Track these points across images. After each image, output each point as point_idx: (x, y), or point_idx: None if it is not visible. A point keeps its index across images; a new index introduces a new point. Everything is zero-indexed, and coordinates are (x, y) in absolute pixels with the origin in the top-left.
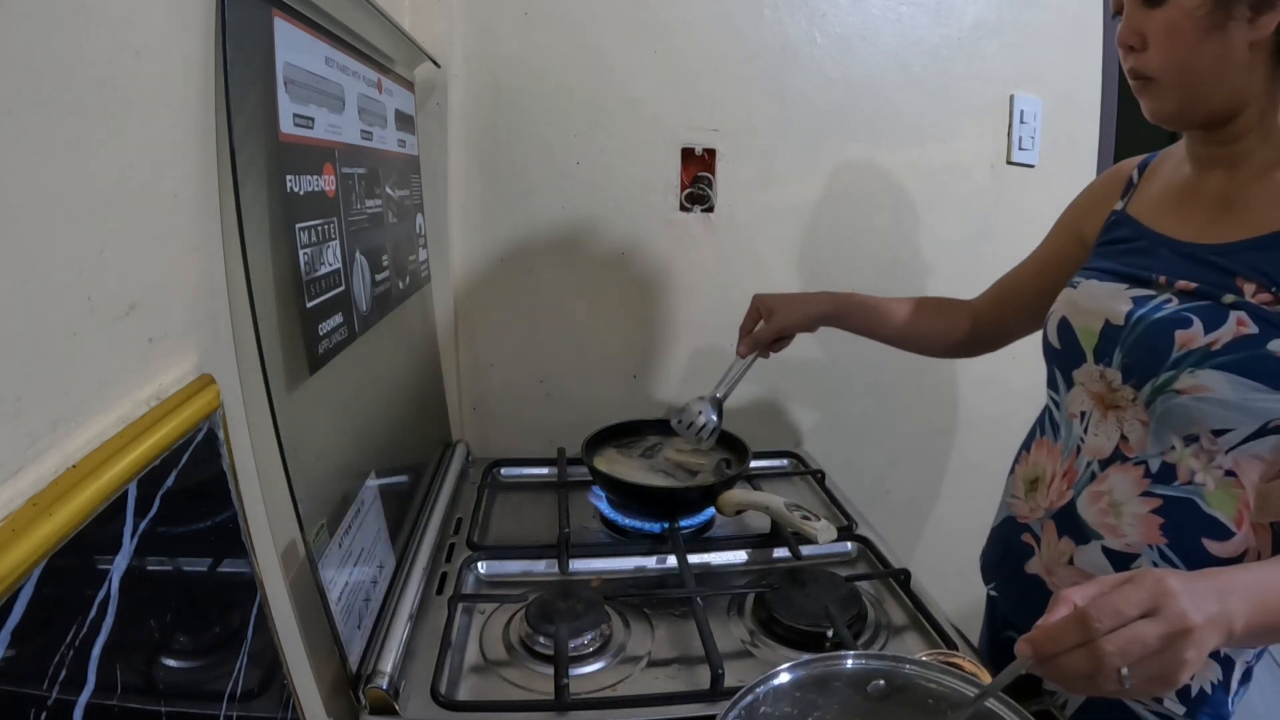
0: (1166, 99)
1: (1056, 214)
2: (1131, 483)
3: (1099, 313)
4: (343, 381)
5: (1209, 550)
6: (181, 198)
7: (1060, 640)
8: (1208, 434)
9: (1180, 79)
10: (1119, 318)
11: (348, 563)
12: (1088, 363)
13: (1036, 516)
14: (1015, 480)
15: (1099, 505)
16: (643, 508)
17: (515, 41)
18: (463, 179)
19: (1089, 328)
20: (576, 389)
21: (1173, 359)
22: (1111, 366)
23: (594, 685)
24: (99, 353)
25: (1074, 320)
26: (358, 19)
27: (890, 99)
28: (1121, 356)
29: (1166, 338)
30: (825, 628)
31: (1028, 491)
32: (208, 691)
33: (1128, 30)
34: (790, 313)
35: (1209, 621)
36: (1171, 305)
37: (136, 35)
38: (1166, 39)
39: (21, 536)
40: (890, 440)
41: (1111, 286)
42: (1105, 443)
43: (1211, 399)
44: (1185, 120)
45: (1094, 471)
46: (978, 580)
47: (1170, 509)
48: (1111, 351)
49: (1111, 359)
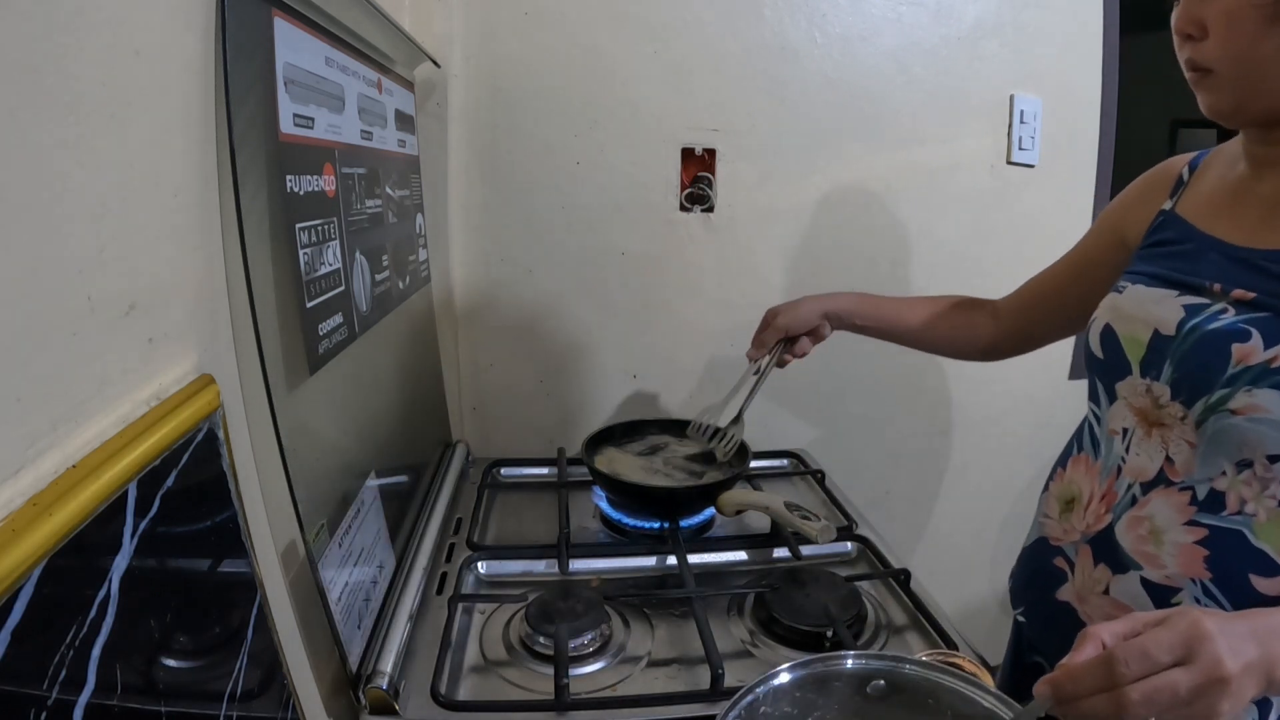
0: (1224, 93)
1: (1057, 214)
2: (1175, 509)
3: (1147, 321)
4: (343, 381)
5: (1256, 587)
6: (181, 198)
7: (1083, 684)
8: (1262, 460)
9: (1238, 71)
10: (1169, 327)
11: (348, 563)
12: (1133, 375)
13: (1071, 540)
14: (1049, 498)
15: (1138, 532)
16: (643, 508)
17: (515, 41)
18: (463, 179)
19: (1135, 337)
20: (576, 389)
21: (1228, 375)
22: (1159, 380)
23: (594, 685)
24: (99, 353)
25: (1119, 328)
26: (358, 19)
27: (890, 99)
28: (1171, 370)
29: (1222, 351)
30: (825, 628)
31: (1062, 512)
32: (208, 691)
33: (1185, 18)
34: (789, 312)
35: (1246, 669)
36: (1228, 316)
37: (136, 35)
38: (1226, 28)
39: (21, 536)
40: (890, 440)
41: (1160, 292)
42: (1148, 464)
43: (1269, 421)
44: (1243, 117)
45: (1135, 495)
46: (978, 580)
47: (1216, 540)
48: (1160, 364)
49: (1160, 372)
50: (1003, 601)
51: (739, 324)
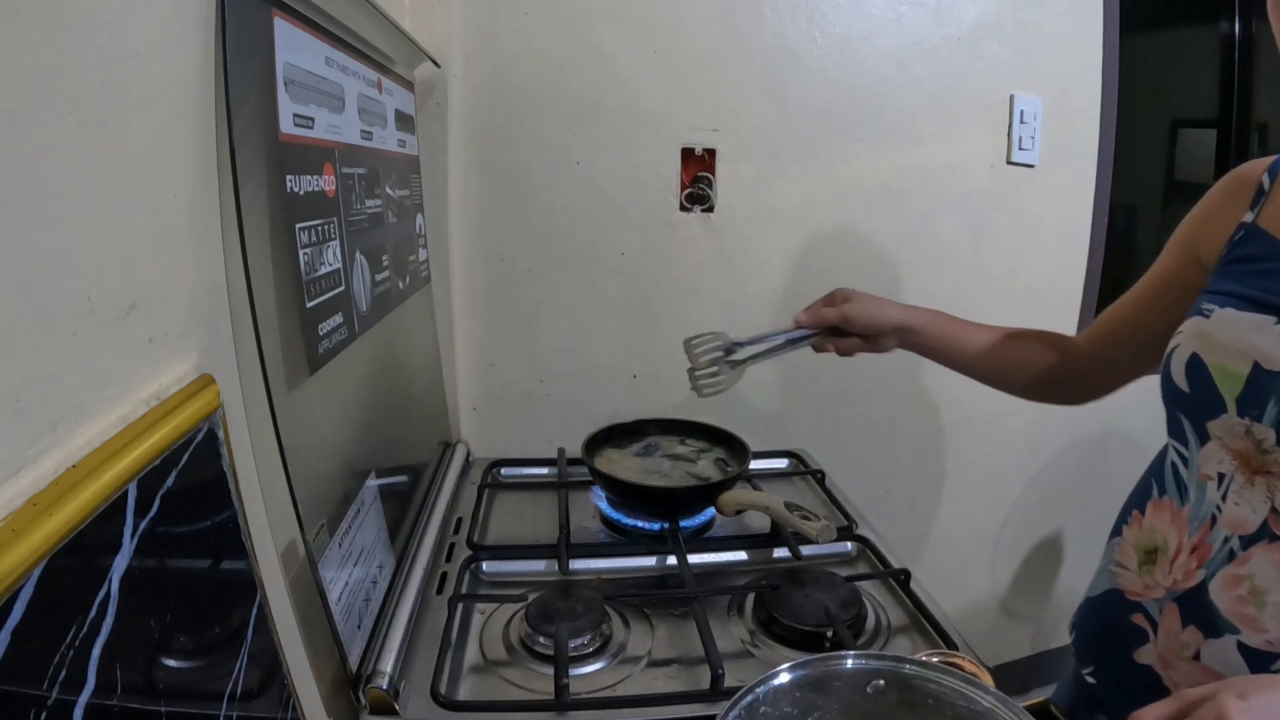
0: None
1: (1057, 214)
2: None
3: (1243, 352)
4: (343, 381)
5: None
6: (181, 198)
7: None
8: None
9: None
10: (1272, 360)
11: (348, 563)
12: (1228, 414)
13: (1154, 596)
14: (1124, 546)
15: (1237, 592)
16: (643, 507)
17: (515, 41)
18: (463, 179)
19: (1230, 370)
20: (576, 389)
21: None
22: (1262, 422)
23: (594, 685)
24: (99, 353)
25: (1208, 358)
26: (358, 19)
27: (890, 99)
28: (1276, 410)
29: None
30: (825, 628)
31: (1143, 564)
32: (208, 691)
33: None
34: (861, 305)
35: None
36: None
37: (136, 35)
38: None
39: (21, 536)
40: (890, 440)
41: (1256, 318)
42: (1250, 515)
43: None
44: None
45: (1233, 549)
46: (978, 580)
47: None
48: (1262, 402)
49: (1262, 412)
50: (1003, 601)
51: (739, 324)
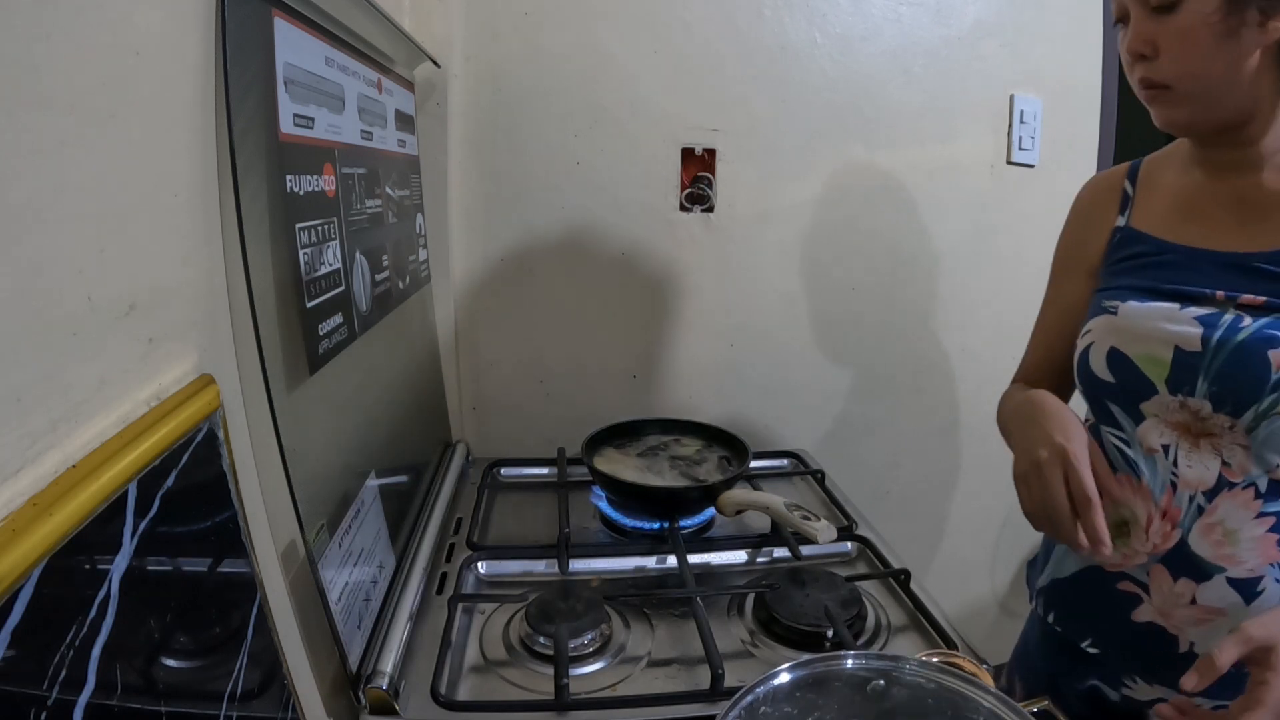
0: (1180, 107)
1: (1057, 214)
2: (1243, 507)
3: (1163, 339)
4: (343, 381)
5: None
6: (181, 198)
7: None
8: None
9: (1194, 87)
10: (1192, 342)
11: (348, 563)
12: (1160, 394)
13: (1137, 562)
14: None
15: (1213, 538)
16: (643, 508)
17: (515, 41)
18: (462, 179)
19: (1155, 357)
20: (576, 389)
21: (1274, 381)
22: (1195, 396)
23: (594, 685)
24: (99, 353)
25: (1129, 350)
26: (358, 19)
27: (890, 99)
28: (1207, 385)
29: (1260, 360)
30: (825, 628)
31: (1116, 538)
32: (208, 691)
33: (1138, 39)
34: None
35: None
36: (1248, 324)
37: (136, 35)
38: (1180, 46)
39: (21, 536)
40: (890, 440)
41: (1162, 307)
42: (1205, 473)
43: None
44: (1197, 128)
45: (1200, 505)
46: (978, 580)
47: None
48: (1192, 380)
49: (1194, 388)
50: (1003, 602)
51: (739, 324)
